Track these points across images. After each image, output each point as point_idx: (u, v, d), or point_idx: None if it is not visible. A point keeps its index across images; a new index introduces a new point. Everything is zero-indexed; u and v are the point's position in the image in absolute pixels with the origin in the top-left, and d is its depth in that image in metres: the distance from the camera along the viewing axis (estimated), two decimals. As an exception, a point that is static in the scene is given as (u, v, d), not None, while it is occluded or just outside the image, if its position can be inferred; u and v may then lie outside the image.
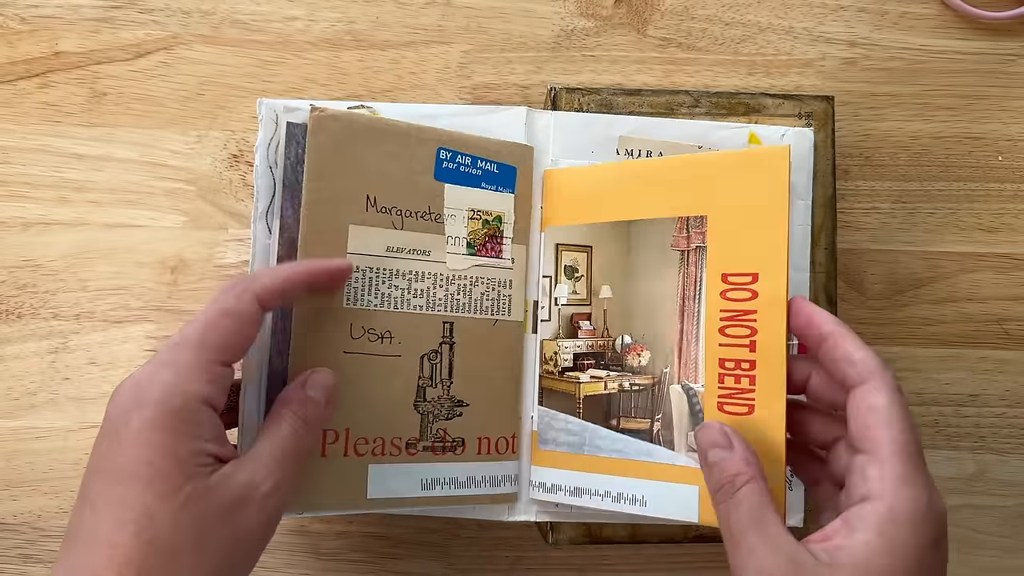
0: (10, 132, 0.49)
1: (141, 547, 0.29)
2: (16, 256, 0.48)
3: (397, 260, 0.40)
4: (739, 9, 0.50)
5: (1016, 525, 0.49)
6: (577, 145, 0.43)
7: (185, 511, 0.30)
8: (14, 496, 0.47)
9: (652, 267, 0.41)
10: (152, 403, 0.31)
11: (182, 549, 0.30)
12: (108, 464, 0.31)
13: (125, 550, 0.29)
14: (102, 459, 0.31)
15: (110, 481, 0.31)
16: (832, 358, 0.34)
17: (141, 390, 0.31)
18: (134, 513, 0.30)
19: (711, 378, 0.39)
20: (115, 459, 0.31)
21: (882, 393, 0.32)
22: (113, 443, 0.31)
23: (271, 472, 0.33)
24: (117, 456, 0.31)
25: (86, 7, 0.49)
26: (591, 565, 0.48)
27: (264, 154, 0.39)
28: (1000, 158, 0.50)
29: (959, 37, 0.51)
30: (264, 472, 0.33)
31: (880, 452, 0.31)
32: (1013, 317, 0.49)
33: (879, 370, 0.33)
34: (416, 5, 0.50)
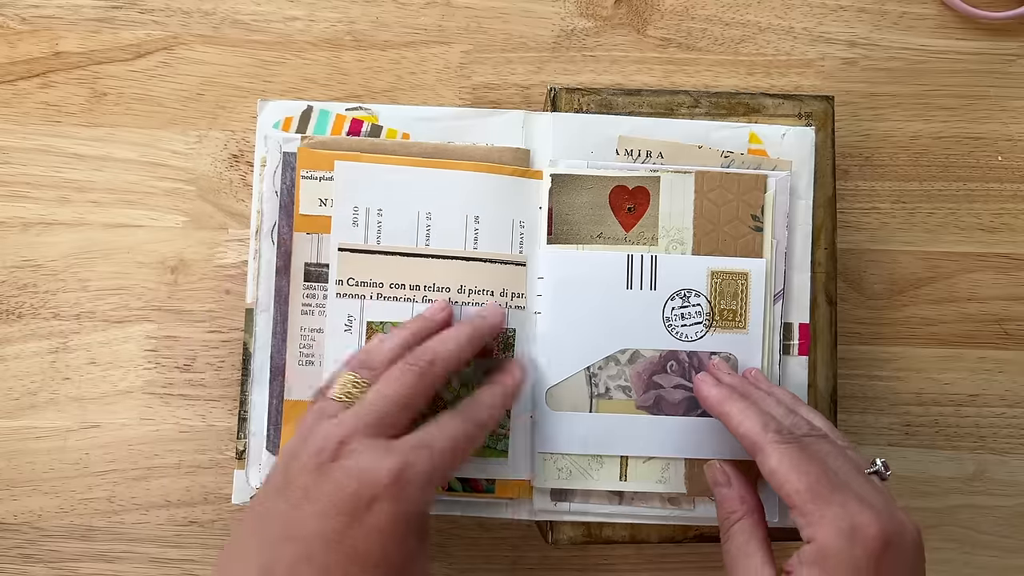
0: (10, 132, 0.49)
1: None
2: (16, 256, 0.48)
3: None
4: (739, 9, 0.50)
5: (1016, 525, 0.49)
6: (576, 146, 0.43)
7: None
8: (14, 496, 0.47)
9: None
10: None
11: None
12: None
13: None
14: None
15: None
16: (733, 432, 0.38)
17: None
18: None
19: None
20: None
21: (770, 457, 0.35)
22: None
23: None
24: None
25: (86, 7, 0.49)
26: (591, 565, 0.48)
27: (271, 181, 0.42)
28: (1000, 158, 0.50)
29: (959, 37, 0.51)
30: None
31: (794, 504, 0.34)
32: (1013, 317, 0.49)
33: (759, 437, 0.36)
34: (416, 5, 0.50)
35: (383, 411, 0.35)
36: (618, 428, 0.42)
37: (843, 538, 0.33)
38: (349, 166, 0.42)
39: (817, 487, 0.34)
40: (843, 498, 0.34)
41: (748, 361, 0.43)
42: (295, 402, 0.42)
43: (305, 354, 0.42)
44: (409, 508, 0.33)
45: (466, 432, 0.36)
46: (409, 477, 0.33)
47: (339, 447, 0.33)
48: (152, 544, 0.47)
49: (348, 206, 0.42)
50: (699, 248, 0.43)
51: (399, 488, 0.33)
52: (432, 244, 0.42)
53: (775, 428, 0.36)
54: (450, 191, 0.42)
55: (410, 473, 0.33)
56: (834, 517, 0.33)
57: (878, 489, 0.36)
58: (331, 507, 0.32)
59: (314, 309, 0.42)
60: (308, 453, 0.34)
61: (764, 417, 0.37)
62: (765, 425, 0.36)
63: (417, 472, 0.33)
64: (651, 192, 0.43)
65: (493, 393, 0.39)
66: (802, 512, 0.34)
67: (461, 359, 0.38)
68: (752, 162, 0.44)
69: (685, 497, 0.43)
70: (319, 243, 0.42)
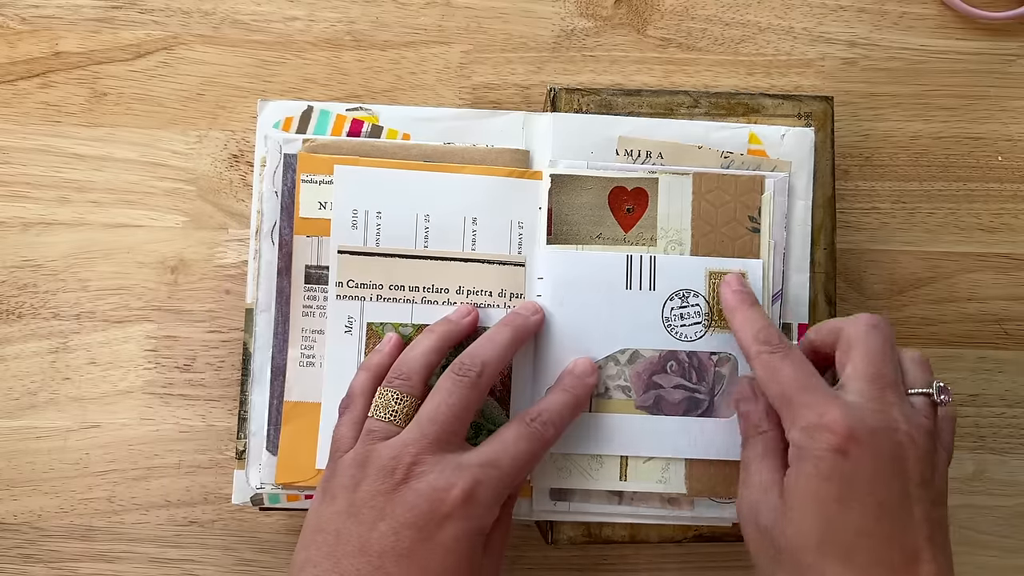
0: (10, 132, 0.49)
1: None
2: (16, 256, 0.48)
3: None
4: (739, 9, 0.50)
5: (1016, 525, 0.49)
6: (576, 147, 0.43)
7: None
8: (14, 496, 0.47)
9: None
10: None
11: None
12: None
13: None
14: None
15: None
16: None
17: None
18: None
19: None
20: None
21: (754, 367, 0.37)
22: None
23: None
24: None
25: (86, 7, 0.49)
26: (591, 565, 0.48)
27: (270, 181, 0.42)
28: (1000, 158, 0.50)
29: (959, 37, 0.51)
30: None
31: (777, 409, 0.36)
32: (1013, 317, 0.49)
33: (749, 347, 0.38)
34: (416, 5, 0.50)
35: (443, 426, 0.36)
36: (618, 428, 0.42)
37: (806, 435, 0.34)
38: (348, 170, 0.42)
39: (789, 392, 0.35)
40: (812, 399, 0.34)
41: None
42: (295, 403, 0.42)
43: (306, 355, 0.42)
44: (477, 525, 0.35)
45: (530, 451, 0.37)
46: (479, 496, 0.35)
47: (410, 468, 0.35)
48: (152, 544, 0.47)
49: (347, 209, 0.42)
50: (697, 249, 0.43)
51: (469, 507, 0.35)
52: (431, 246, 0.42)
53: (764, 338, 0.37)
54: (448, 193, 0.43)
55: (480, 492, 0.35)
56: (799, 418, 0.34)
57: (896, 403, 0.35)
58: (404, 525, 0.34)
59: (315, 310, 0.42)
60: (377, 477, 0.35)
61: (758, 326, 0.38)
62: (756, 335, 0.37)
63: (486, 491, 0.35)
64: (650, 193, 0.43)
65: (563, 404, 0.39)
66: (782, 418, 0.36)
67: (505, 362, 0.39)
68: (752, 163, 0.44)
69: (685, 497, 0.42)
70: (319, 245, 0.42)
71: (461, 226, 0.43)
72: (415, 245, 0.42)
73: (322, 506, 0.36)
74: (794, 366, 0.36)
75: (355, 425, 0.38)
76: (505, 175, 0.43)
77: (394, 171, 0.43)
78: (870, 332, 0.36)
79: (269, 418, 0.42)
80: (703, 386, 0.42)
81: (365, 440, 0.37)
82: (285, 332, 0.43)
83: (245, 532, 0.47)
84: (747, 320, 0.39)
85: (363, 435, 0.37)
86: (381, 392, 0.38)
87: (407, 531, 0.34)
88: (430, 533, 0.34)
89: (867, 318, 0.37)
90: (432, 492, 0.34)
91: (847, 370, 0.36)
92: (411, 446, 0.36)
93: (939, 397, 0.36)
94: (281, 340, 0.42)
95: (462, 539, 0.34)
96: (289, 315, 0.43)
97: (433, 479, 0.35)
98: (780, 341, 0.37)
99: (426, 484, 0.35)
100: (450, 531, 0.34)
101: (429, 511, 0.34)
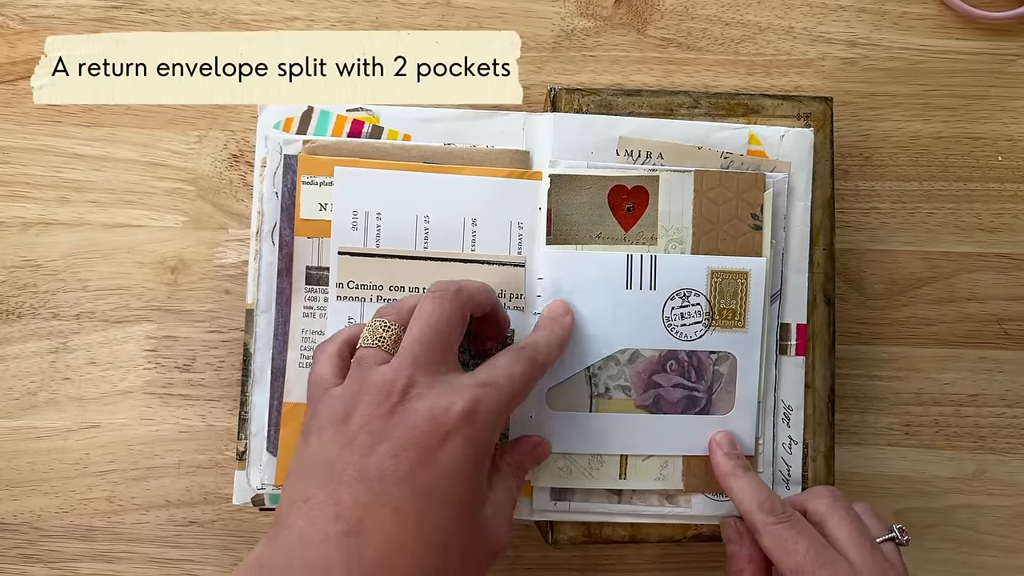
0: (10, 132, 0.49)
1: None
2: (16, 256, 0.48)
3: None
4: (739, 9, 0.50)
5: (1016, 525, 0.49)
6: (576, 147, 0.43)
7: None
8: (14, 496, 0.47)
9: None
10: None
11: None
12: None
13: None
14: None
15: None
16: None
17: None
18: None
19: None
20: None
21: (763, 538, 0.38)
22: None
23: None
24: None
25: (86, 7, 0.49)
26: (591, 565, 0.48)
27: (270, 182, 0.43)
28: (1000, 158, 0.50)
29: (959, 37, 0.51)
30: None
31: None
32: (1013, 317, 0.49)
33: (754, 517, 0.39)
34: (416, 5, 0.50)
35: (432, 343, 0.35)
36: (618, 427, 0.42)
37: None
38: (348, 171, 0.42)
39: (804, 564, 0.36)
40: (831, 571, 0.36)
41: (747, 360, 0.43)
42: (295, 404, 0.42)
43: (306, 356, 0.42)
44: (479, 444, 0.34)
45: (525, 372, 0.36)
46: (480, 413, 0.34)
47: (406, 390, 0.34)
48: (152, 544, 0.47)
49: (348, 210, 0.42)
50: (698, 247, 0.43)
51: (471, 424, 0.33)
52: (431, 247, 0.42)
53: (769, 508, 0.38)
54: (447, 194, 0.43)
55: (481, 409, 0.34)
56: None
57: (882, 558, 0.37)
58: (404, 446, 0.33)
59: (315, 311, 0.42)
60: (371, 402, 0.34)
61: (760, 496, 0.39)
62: (760, 505, 0.39)
63: (488, 408, 0.34)
64: (650, 191, 0.43)
65: (549, 334, 0.40)
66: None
67: (482, 299, 0.38)
68: (751, 163, 0.44)
69: (683, 493, 0.43)
70: (320, 247, 0.42)
71: (461, 227, 0.43)
72: (415, 246, 0.42)
73: (309, 443, 0.34)
74: (808, 540, 0.37)
75: (334, 360, 0.37)
76: (505, 176, 0.43)
77: (394, 172, 0.43)
78: (836, 503, 0.39)
79: (269, 419, 0.42)
80: (701, 384, 0.42)
81: (356, 371, 0.35)
82: (285, 333, 0.43)
83: (245, 532, 0.47)
84: (748, 489, 0.40)
85: (354, 366, 0.36)
86: (368, 324, 0.37)
87: (408, 452, 0.33)
88: (432, 453, 0.33)
89: (826, 491, 0.40)
90: (432, 410, 0.33)
91: (834, 539, 0.38)
92: (405, 369, 0.34)
93: (902, 538, 0.39)
94: (281, 341, 0.43)
95: (465, 458, 0.33)
96: (289, 316, 0.43)
97: (433, 398, 0.34)
98: (784, 510, 0.38)
99: (425, 404, 0.33)
100: (452, 449, 0.33)
101: (430, 430, 0.33)
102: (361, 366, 0.35)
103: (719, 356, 0.43)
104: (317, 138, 0.43)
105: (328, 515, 0.31)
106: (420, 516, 0.32)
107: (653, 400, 0.42)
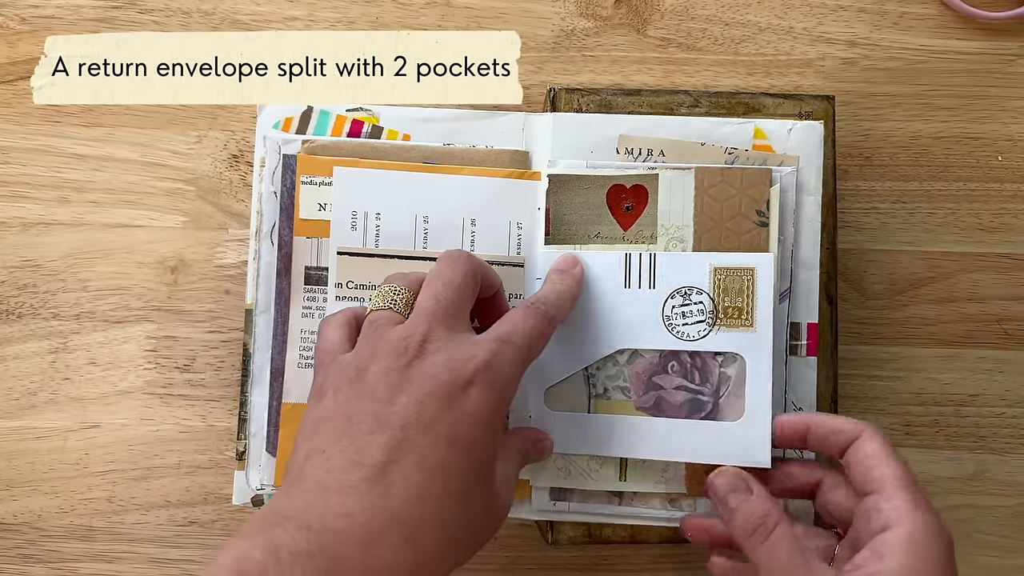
0: (10, 132, 0.49)
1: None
2: (16, 256, 0.48)
3: None
4: (739, 9, 0.50)
5: (1016, 525, 0.49)
6: (576, 146, 0.43)
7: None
8: (14, 496, 0.47)
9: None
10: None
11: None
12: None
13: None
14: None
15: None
16: (820, 437, 0.38)
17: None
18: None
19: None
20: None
21: (875, 440, 0.36)
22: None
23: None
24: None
25: (86, 7, 0.49)
26: (591, 565, 0.48)
27: (269, 182, 0.42)
28: (1000, 158, 0.50)
29: (959, 37, 0.51)
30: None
31: (887, 488, 0.34)
32: (1013, 317, 0.49)
33: (865, 425, 0.37)
34: (416, 5, 0.50)
35: (448, 302, 0.35)
36: (616, 429, 0.42)
37: (935, 528, 0.33)
38: (347, 171, 0.42)
39: (913, 480, 0.35)
40: (927, 498, 0.34)
41: (757, 361, 0.41)
42: (293, 405, 0.42)
43: (305, 357, 0.42)
44: (499, 395, 0.34)
45: (538, 327, 0.36)
46: (499, 365, 0.34)
47: (423, 344, 0.34)
48: (152, 544, 0.47)
49: (347, 210, 0.42)
50: (700, 245, 0.42)
51: (491, 374, 0.33)
52: (430, 247, 0.42)
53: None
54: (447, 195, 0.43)
55: (500, 361, 0.34)
56: (930, 508, 0.34)
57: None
58: (426, 395, 0.32)
59: (314, 312, 0.42)
60: (388, 357, 0.33)
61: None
62: (856, 422, 0.37)
63: (506, 361, 0.34)
64: (649, 190, 0.43)
65: (560, 286, 0.39)
66: (889, 496, 0.34)
67: (491, 273, 0.38)
68: (757, 158, 0.43)
69: (685, 497, 0.42)
70: (319, 247, 0.42)
71: (460, 227, 0.43)
72: (414, 246, 0.42)
73: (324, 400, 0.34)
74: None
75: (343, 328, 0.36)
76: (504, 176, 0.43)
77: (393, 172, 0.43)
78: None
79: (269, 419, 0.42)
80: (707, 387, 0.41)
81: (370, 331, 0.35)
82: (284, 333, 0.43)
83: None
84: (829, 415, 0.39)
85: (366, 327, 0.35)
86: (379, 290, 0.37)
87: (431, 400, 0.32)
88: (455, 400, 0.33)
89: (870, 428, 0.38)
90: (451, 360, 0.33)
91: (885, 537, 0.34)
92: (421, 324, 0.34)
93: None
94: (280, 341, 0.43)
95: (487, 407, 0.33)
96: (288, 316, 0.43)
97: (451, 351, 0.33)
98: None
99: (444, 356, 0.33)
100: (474, 398, 0.33)
101: (451, 379, 0.33)
102: (375, 327, 0.35)
103: (726, 358, 0.41)
104: (316, 138, 0.43)
105: (348, 463, 0.31)
106: (443, 465, 0.32)
107: (654, 402, 0.42)
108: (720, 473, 0.39)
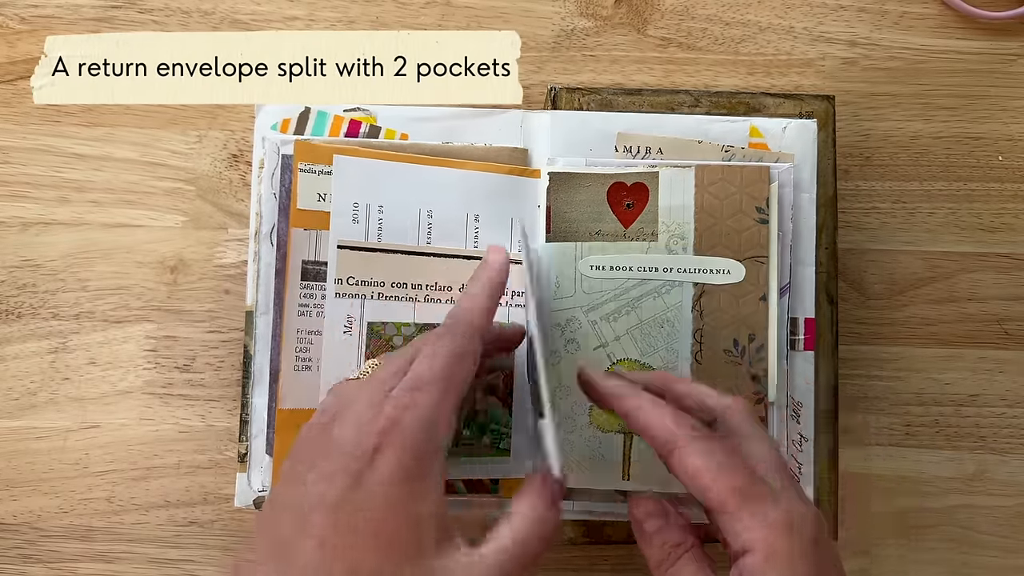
0: (10, 132, 0.49)
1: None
2: (16, 256, 0.48)
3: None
4: (739, 9, 0.50)
5: (1016, 525, 0.49)
6: (575, 144, 0.43)
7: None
8: (14, 496, 0.47)
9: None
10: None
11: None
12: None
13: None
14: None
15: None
16: (639, 429, 0.34)
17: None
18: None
19: None
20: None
21: (694, 452, 0.32)
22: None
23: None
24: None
25: (86, 7, 0.49)
26: (591, 565, 0.48)
27: (268, 183, 0.42)
28: (1000, 158, 0.50)
29: (959, 37, 0.51)
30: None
31: (730, 508, 0.31)
32: (1013, 317, 0.49)
33: (672, 433, 0.33)
34: (416, 5, 0.50)
35: (380, 374, 0.32)
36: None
37: (786, 536, 0.30)
38: (348, 160, 0.41)
39: (749, 487, 0.31)
40: (775, 495, 0.31)
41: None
42: (290, 411, 0.41)
43: (302, 358, 0.41)
44: (414, 455, 0.29)
45: (453, 350, 0.32)
46: (406, 421, 0.29)
47: (336, 413, 0.31)
48: (152, 544, 0.47)
49: (348, 202, 0.41)
50: (701, 242, 0.42)
51: (397, 433, 0.29)
52: (434, 242, 0.42)
53: (689, 423, 0.33)
54: (450, 188, 0.42)
55: (407, 417, 0.30)
56: (776, 517, 0.31)
57: (789, 473, 0.33)
58: (334, 470, 0.29)
59: (312, 310, 0.41)
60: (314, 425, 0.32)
61: (676, 411, 0.33)
62: (678, 420, 0.33)
63: (416, 413, 0.30)
64: (650, 188, 0.43)
65: (474, 286, 0.35)
66: (735, 517, 0.31)
67: (487, 307, 0.35)
68: (753, 156, 0.43)
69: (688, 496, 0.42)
70: (317, 240, 0.41)
71: (463, 223, 0.42)
72: (418, 241, 0.42)
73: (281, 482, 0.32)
74: (738, 453, 0.33)
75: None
76: (506, 172, 0.43)
77: (395, 164, 0.42)
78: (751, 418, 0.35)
79: (269, 421, 0.42)
80: None
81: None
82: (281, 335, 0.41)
83: (245, 533, 0.47)
84: (654, 406, 0.34)
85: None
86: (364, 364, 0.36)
87: (338, 475, 0.29)
88: (360, 475, 0.29)
89: (738, 402, 0.35)
90: (356, 424, 0.30)
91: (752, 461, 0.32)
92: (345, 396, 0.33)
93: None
94: (278, 343, 0.42)
95: (398, 471, 0.29)
96: (283, 315, 0.41)
97: (356, 414, 0.31)
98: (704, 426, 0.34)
99: (349, 418, 0.31)
100: (383, 467, 0.29)
101: (355, 445, 0.30)
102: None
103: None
104: (313, 138, 0.43)
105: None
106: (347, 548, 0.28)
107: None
108: (638, 500, 0.36)
